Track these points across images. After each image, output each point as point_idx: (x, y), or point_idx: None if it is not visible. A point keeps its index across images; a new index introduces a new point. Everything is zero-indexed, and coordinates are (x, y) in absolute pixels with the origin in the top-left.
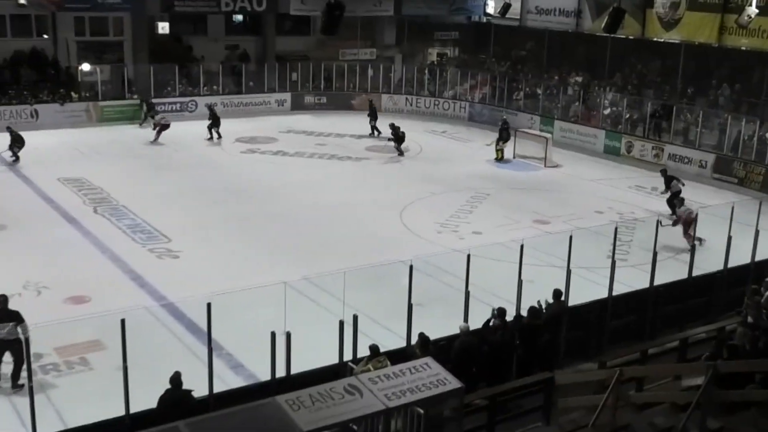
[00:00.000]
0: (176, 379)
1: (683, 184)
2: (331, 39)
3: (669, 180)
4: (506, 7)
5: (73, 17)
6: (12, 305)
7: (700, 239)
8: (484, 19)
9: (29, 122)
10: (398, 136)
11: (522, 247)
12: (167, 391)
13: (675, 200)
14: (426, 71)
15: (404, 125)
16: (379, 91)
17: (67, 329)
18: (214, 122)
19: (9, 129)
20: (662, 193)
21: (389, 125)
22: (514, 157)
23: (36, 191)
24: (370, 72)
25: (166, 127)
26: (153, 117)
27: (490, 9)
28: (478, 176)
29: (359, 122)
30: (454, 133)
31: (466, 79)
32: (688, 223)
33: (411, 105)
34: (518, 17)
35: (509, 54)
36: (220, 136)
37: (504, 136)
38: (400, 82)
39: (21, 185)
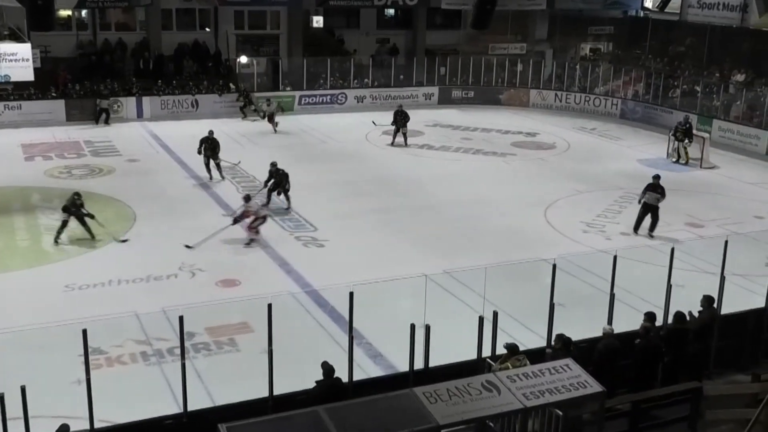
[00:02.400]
0: (330, 369)
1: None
2: (481, 33)
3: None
4: (666, 1)
5: (233, 11)
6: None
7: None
8: (641, 14)
9: (189, 111)
10: (277, 179)
11: (672, 250)
12: (323, 380)
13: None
14: (577, 66)
15: (553, 121)
16: (528, 86)
17: (218, 311)
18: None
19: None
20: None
21: (271, 164)
22: (667, 157)
23: (193, 177)
24: (519, 67)
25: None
26: (255, 107)
27: (648, 3)
28: (628, 175)
29: (506, 117)
30: (604, 131)
31: (619, 75)
32: (256, 218)
33: (560, 101)
34: (678, 11)
35: (666, 50)
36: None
37: (690, 136)
38: (550, 77)
39: (180, 171)
